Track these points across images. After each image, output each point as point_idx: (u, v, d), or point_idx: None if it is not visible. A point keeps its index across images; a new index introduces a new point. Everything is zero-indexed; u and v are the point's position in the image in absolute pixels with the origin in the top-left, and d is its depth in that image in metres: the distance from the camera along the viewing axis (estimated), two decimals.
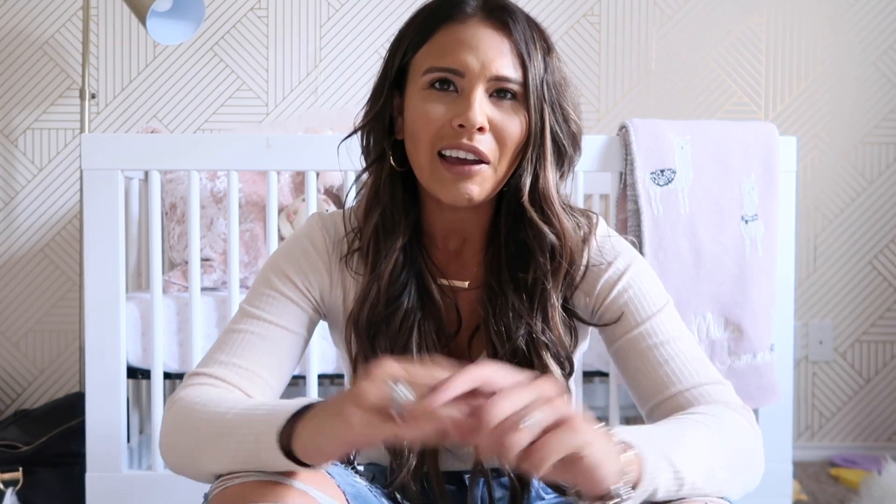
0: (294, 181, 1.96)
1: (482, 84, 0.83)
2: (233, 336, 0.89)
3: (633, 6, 2.37)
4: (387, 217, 0.89)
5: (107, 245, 1.57)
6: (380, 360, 0.86)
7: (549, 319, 0.88)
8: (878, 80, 2.37)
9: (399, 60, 0.88)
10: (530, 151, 0.86)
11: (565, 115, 0.88)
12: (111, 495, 1.59)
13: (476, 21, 0.85)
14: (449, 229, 0.92)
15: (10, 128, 2.31)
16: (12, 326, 2.31)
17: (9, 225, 2.31)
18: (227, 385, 0.85)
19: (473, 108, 0.82)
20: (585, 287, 0.91)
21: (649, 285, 0.91)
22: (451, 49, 0.84)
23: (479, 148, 0.83)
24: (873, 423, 2.40)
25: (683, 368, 0.86)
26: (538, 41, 0.86)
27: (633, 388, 0.90)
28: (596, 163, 1.61)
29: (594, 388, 2.25)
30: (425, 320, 0.90)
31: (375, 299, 0.88)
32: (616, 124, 2.33)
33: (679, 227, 1.56)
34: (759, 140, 1.61)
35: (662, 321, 0.89)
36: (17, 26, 2.30)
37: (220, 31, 2.33)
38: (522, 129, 0.85)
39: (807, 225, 2.37)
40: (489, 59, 0.83)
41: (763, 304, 1.59)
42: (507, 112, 0.84)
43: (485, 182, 0.85)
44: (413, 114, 0.86)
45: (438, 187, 0.85)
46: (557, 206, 0.87)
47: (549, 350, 0.87)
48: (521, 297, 0.88)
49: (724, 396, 0.85)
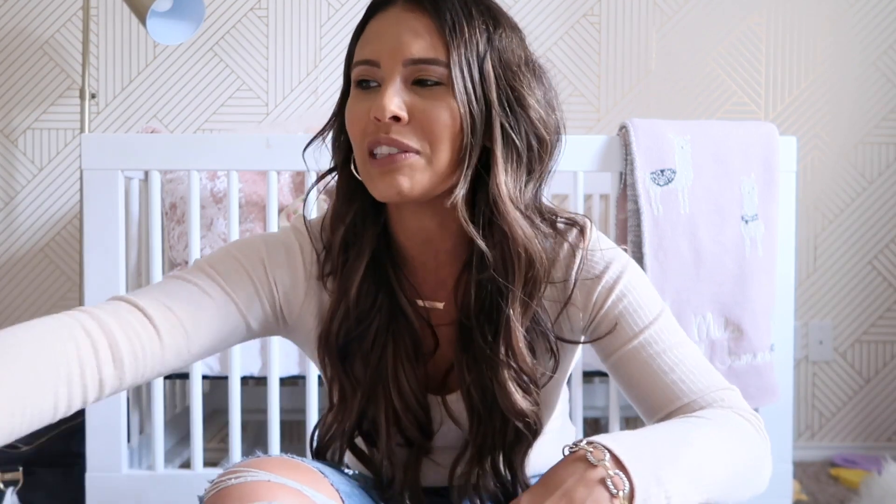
0: (294, 181, 1.96)
1: (398, 71, 0.76)
2: (176, 282, 0.81)
3: (633, 6, 2.37)
4: (349, 231, 0.84)
5: (107, 245, 1.57)
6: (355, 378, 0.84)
7: (510, 343, 0.80)
8: (878, 80, 2.37)
9: (347, 64, 0.83)
10: (467, 142, 0.76)
11: (521, 101, 0.78)
12: (111, 495, 1.59)
13: (398, 8, 0.78)
14: (419, 241, 0.85)
15: (10, 128, 2.31)
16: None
17: (9, 225, 2.31)
18: (141, 316, 0.75)
19: (384, 97, 0.75)
20: (579, 302, 0.85)
21: (644, 293, 0.85)
22: (370, 40, 0.78)
23: (398, 139, 0.75)
24: (873, 423, 2.40)
25: (691, 375, 0.81)
26: (476, 17, 0.77)
27: (637, 401, 0.85)
28: (596, 163, 1.61)
29: (594, 388, 2.25)
30: (399, 338, 0.85)
31: (345, 317, 0.83)
32: (616, 124, 2.33)
33: (679, 227, 1.56)
34: (759, 140, 1.61)
35: (661, 329, 0.84)
36: (17, 26, 2.30)
37: (220, 31, 2.33)
38: (452, 117, 0.75)
39: (807, 225, 2.37)
40: (401, 42, 0.75)
41: (763, 304, 1.59)
42: (429, 98, 0.76)
43: (416, 174, 0.76)
44: (346, 116, 0.81)
45: (371, 185, 0.79)
46: (510, 212, 0.77)
47: (513, 381, 0.81)
48: (484, 328, 0.81)
49: (733, 402, 0.82)
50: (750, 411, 0.82)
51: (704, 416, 0.78)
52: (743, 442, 0.78)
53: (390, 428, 0.85)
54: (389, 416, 0.85)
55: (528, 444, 0.86)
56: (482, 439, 0.85)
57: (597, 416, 2.29)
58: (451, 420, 0.88)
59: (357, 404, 0.85)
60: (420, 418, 0.87)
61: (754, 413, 0.82)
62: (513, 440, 0.85)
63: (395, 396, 0.84)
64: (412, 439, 0.87)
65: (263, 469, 0.74)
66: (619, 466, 0.67)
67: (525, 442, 0.85)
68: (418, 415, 0.86)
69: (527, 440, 0.85)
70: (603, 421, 2.32)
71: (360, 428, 0.87)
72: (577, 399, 1.62)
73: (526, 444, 0.86)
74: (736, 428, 0.78)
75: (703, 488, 0.70)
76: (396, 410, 0.84)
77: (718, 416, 0.79)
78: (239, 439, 1.63)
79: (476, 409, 0.84)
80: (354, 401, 0.85)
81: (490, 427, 0.84)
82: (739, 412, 0.81)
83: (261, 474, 0.73)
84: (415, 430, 0.87)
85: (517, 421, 0.83)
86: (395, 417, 0.85)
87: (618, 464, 0.67)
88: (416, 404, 0.86)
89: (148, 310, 0.75)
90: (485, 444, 0.85)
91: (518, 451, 0.86)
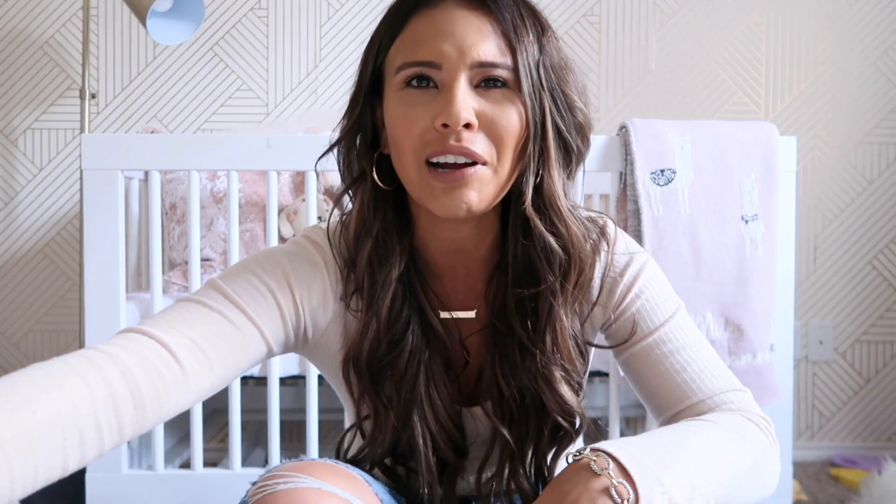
0: (294, 181, 1.96)
1: (464, 74, 0.72)
2: (199, 310, 0.73)
3: (633, 6, 2.37)
4: (379, 245, 0.79)
5: (107, 245, 1.57)
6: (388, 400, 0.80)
7: (558, 343, 0.79)
8: (878, 80, 2.37)
9: (373, 63, 0.78)
10: (531, 147, 0.74)
11: (569, 102, 0.76)
12: (111, 495, 1.59)
13: (450, 4, 0.74)
14: (450, 251, 0.81)
15: (10, 128, 2.31)
16: (12, 326, 2.31)
17: (9, 225, 2.31)
18: (166, 354, 0.68)
19: (456, 102, 0.70)
20: (602, 300, 0.83)
21: (661, 290, 0.85)
22: (423, 39, 0.73)
23: (470, 148, 0.71)
24: (873, 423, 2.40)
25: (702, 375, 0.81)
26: (528, 18, 0.75)
27: (648, 399, 0.84)
28: (596, 163, 1.61)
29: (594, 388, 2.25)
30: (431, 359, 0.81)
31: (375, 340, 0.79)
32: (616, 124, 2.33)
33: (679, 227, 1.56)
34: (759, 140, 1.61)
35: (676, 327, 0.83)
36: (17, 26, 2.30)
37: (220, 31, 2.33)
38: (520, 122, 0.73)
39: (807, 225, 2.37)
40: (468, 43, 0.71)
41: (763, 304, 1.59)
42: (498, 103, 0.73)
43: (484, 186, 0.73)
44: (392, 121, 0.75)
45: (431, 200, 0.74)
46: (566, 212, 0.77)
47: (561, 379, 0.79)
48: (525, 326, 0.79)
49: (744, 405, 0.81)
50: (759, 414, 0.81)
51: (711, 420, 0.77)
52: (748, 446, 0.77)
53: (428, 451, 0.82)
54: (426, 439, 0.81)
55: (569, 443, 0.84)
56: (514, 443, 0.83)
57: (597, 416, 2.29)
58: (486, 430, 0.86)
59: (391, 427, 0.81)
60: (454, 437, 0.84)
61: (764, 416, 0.81)
62: (550, 440, 0.83)
63: (429, 417, 0.81)
64: (446, 459, 0.84)
65: (311, 475, 0.70)
66: (624, 474, 0.66)
67: (567, 441, 0.84)
68: (452, 434, 0.83)
69: (569, 438, 0.83)
70: (603, 421, 2.32)
71: (395, 451, 0.84)
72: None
73: (567, 443, 0.84)
74: (743, 432, 0.77)
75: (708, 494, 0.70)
76: (432, 431, 0.82)
77: (725, 419, 0.77)
78: (239, 439, 1.63)
79: (508, 413, 0.82)
80: (388, 423, 0.81)
81: (524, 430, 0.82)
82: (747, 415, 0.80)
83: (310, 481, 0.69)
84: (449, 451, 0.84)
85: (564, 419, 0.81)
86: (431, 438, 0.82)
87: (622, 471, 0.66)
88: (451, 423, 0.83)
89: (172, 346, 0.69)
90: (516, 448, 0.83)
91: (559, 451, 0.84)
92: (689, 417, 0.80)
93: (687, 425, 0.76)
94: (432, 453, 0.82)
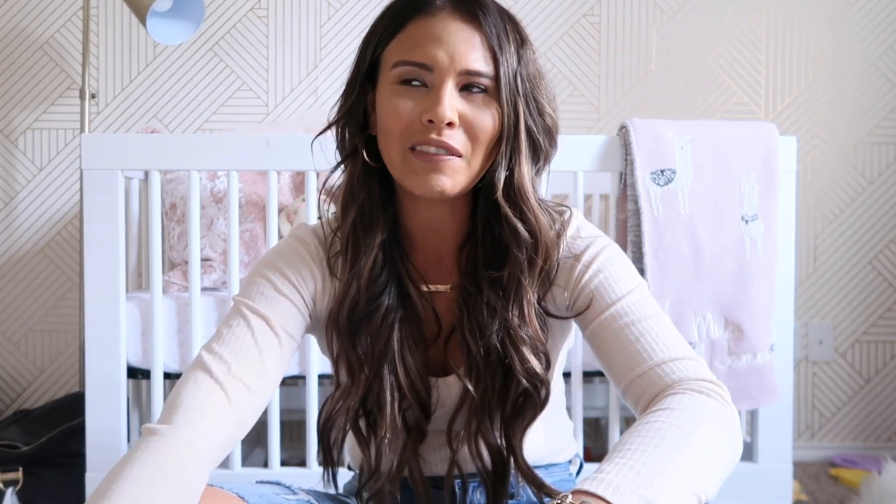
0: (294, 181, 1.96)
1: (452, 78, 0.82)
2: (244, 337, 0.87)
3: (633, 6, 2.37)
4: (364, 213, 0.89)
5: (107, 245, 1.57)
6: (362, 355, 0.88)
7: (524, 315, 0.87)
8: (878, 80, 2.37)
9: (371, 54, 0.87)
10: (504, 146, 0.85)
11: (540, 108, 0.87)
12: None
13: (446, 14, 0.83)
14: (427, 229, 0.91)
15: (10, 128, 2.31)
16: (12, 326, 2.31)
17: (9, 225, 2.31)
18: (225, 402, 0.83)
19: (442, 103, 0.81)
20: (561, 281, 0.91)
21: (620, 268, 0.91)
22: (419, 43, 0.83)
23: (448, 143, 0.82)
24: (873, 423, 2.41)
25: (654, 344, 0.85)
26: (511, 33, 0.85)
27: (607, 369, 0.89)
28: (596, 163, 1.61)
29: (594, 388, 2.25)
30: (406, 321, 0.90)
31: (356, 296, 0.88)
32: (616, 124, 2.34)
33: (679, 227, 1.56)
34: (759, 140, 1.61)
35: (634, 301, 0.88)
36: (17, 26, 2.30)
37: (220, 31, 2.33)
38: (495, 124, 0.84)
39: (807, 225, 2.37)
40: (459, 53, 0.82)
41: (763, 304, 1.59)
42: (478, 106, 0.83)
43: (457, 174, 0.84)
44: (383, 109, 0.85)
45: (410, 178, 0.84)
46: (533, 202, 0.87)
47: (527, 344, 0.87)
48: (496, 294, 0.87)
49: (695, 372, 0.82)
50: (713, 381, 0.82)
51: (671, 407, 0.77)
52: (713, 423, 0.76)
53: (395, 404, 0.89)
54: (394, 393, 0.89)
55: (532, 411, 0.90)
56: (479, 399, 0.89)
57: (597, 416, 2.29)
58: (453, 400, 0.92)
59: (363, 380, 0.89)
60: (422, 396, 0.92)
61: (715, 381, 0.82)
62: (515, 404, 0.89)
63: (400, 374, 0.89)
64: (410, 421, 0.92)
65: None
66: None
67: (530, 407, 0.89)
68: (421, 393, 0.91)
69: (532, 405, 0.89)
70: (603, 421, 2.33)
71: (364, 406, 0.91)
72: (577, 399, 1.62)
73: (531, 410, 0.90)
74: (709, 417, 0.77)
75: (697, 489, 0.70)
76: (402, 387, 0.89)
77: (684, 403, 0.77)
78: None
79: (476, 370, 0.89)
80: (361, 377, 0.89)
81: (490, 386, 0.89)
82: (700, 388, 0.80)
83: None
84: (416, 409, 0.91)
85: (528, 382, 0.87)
86: (399, 394, 0.90)
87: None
88: (420, 381, 0.91)
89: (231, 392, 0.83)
90: (481, 404, 0.89)
91: (522, 417, 0.90)
92: (643, 384, 0.83)
93: (654, 427, 0.75)
94: (398, 412, 0.90)
